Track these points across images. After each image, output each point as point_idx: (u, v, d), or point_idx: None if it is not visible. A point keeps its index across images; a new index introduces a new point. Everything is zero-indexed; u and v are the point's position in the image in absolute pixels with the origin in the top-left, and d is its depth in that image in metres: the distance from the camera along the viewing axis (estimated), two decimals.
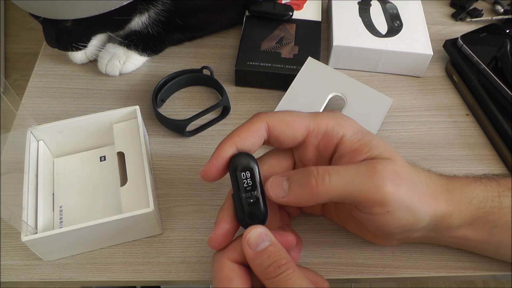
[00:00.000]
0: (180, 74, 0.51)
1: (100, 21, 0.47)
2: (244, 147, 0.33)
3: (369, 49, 0.52)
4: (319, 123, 0.34)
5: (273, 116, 0.33)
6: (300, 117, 0.34)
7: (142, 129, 0.43)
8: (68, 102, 0.51)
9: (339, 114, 0.35)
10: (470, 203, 0.34)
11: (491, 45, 0.52)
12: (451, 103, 0.52)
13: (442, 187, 0.34)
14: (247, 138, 0.33)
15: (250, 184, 0.32)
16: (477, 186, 0.35)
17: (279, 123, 0.33)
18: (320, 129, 0.34)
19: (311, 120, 0.34)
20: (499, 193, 0.35)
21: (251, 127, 0.33)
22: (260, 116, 0.33)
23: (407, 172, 0.33)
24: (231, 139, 0.33)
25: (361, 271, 0.39)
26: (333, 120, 0.34)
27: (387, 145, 0.34)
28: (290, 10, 0.55)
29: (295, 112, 0.34)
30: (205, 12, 0.54)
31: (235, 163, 0.33)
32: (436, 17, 0.61)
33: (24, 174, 0.39)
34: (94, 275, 0.39)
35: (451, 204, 0.34)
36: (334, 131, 0.34)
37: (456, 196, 0.34)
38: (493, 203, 0.34)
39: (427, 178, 0.34)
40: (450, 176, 0.36)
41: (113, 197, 0.42)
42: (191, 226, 0.42)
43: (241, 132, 0.33)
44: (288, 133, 0.33)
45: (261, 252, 0.30)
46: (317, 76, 0.49)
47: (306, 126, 0.33)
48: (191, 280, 0.39)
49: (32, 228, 0.37)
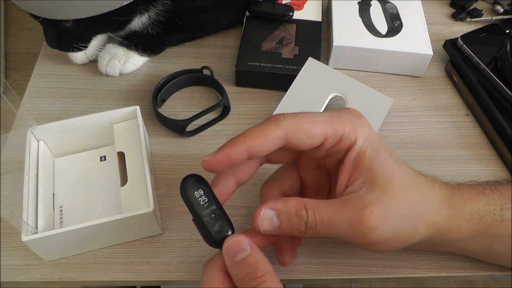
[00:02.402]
0: (180, 74, 0.51)
1: (100, 21, 0.47)
2: (257, 154, 0.32)
3: (369, 49, 0.52)
4: (337, 128, 0.32)
5: (291, 123, 0.32)
6: (318, 122, 0.32)
7: (142, 129, 0.43)
8: (68, 102, 0.51)
9: (357, 116, 0.34)
10: (471, 218, 0.34)
11: (491, 45, 0.52)
12: (451, 103, 0.52)
13: (444, 202, 0.34)
14: (262, 146, 0.32)
15: (206, 201, 0.32)
16: (479, 200, 0.34)
17: (298, 132, 0.32)
18: (336, 135, 0.33)
19: (329, 125, 0.32)
20: (502, 206, 0.34)
21: (268, 134, 0.31)
22: (278, 123, 0.32)
23: (404, 195, 0.32)
24: (244, 143, 0.31)
25: (361, 271, 0.39)
26: (350, 124, 0.33)
27: (388, 164, 0.32)
28: (291, 11, 0.55)
29: (313, 115, 0.33)
30: (205, 13, 0.54)
31: (185, 189, 0.32)
32: (436, 17, 0.61)
33: (24, 174, 0.39)
34: (94, 275, 0.39)
35: (451, 220, 0.34)
36: (349, 137, 0.33)
37: (457, 212, 0.34)
38: (495, 217, 0.34)
39: (429, 194, 0.33)
40: (454, 187, 0.35)
41: (113, 197, 0.42)
42: (191, 226, 0.41)
43: (256, 138, 0.31)
44: (306, 142, 0.32)
45: (239, 262, 0.30)
46: (317, 77, 0.49)
47: (324, 133, 0.32)
48: (191, 280, 0.39)
49: (32, 228, 0.37)
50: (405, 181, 0.32)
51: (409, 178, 0.33)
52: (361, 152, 0.32)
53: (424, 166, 0.46)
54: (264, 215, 0.31)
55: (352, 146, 0.33)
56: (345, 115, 0.34)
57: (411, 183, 0.33)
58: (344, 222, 0.31)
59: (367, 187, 0.32)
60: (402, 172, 0.33)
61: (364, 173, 0.32)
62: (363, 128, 0.33)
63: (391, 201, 0.31)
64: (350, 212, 0.31)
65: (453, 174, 0.46)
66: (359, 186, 0.32)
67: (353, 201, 0.31)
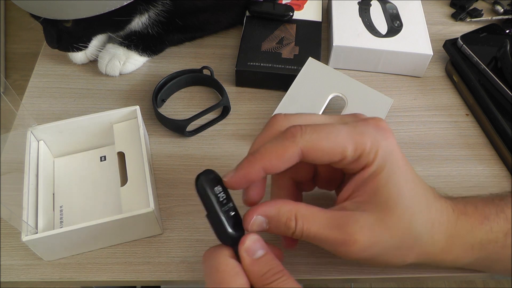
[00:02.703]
0: (180, 74, 0.51)
1: (100, 21, 0.47)
2: (273, 171, 0.31)
3: (369, 49, 0.52)
4: (357, 147, 0.31)
5: (309, 140, 0.31)
6: (338, 140, 0.31)
7: (142, 129, 0.43)
8: (68, 102, 0.51)
9: (381, 130, 0.32)
10: (471, 248, 0.33)
11: (491, 45, 0.52)
12: (451, 103, 0.52)
13: (445, 234, 0.33)
14: (278, 164, 0.31)
15: (224, 197, 0.32)
16: (482, 228, 0.33)
17: (315, 151, 0.31)
18: (356, 154, 0.31)
19: (349, 143, 0.31)
20: (506, 232, 0.33)
21: (284, 153, 0.31)
22: (295, 140, 0.31)
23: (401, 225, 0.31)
24: (261, 162, 0.31)
25: (361, 271, 0.39)
26: (372, 142, 0.31)
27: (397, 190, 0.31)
28: (291, 11, 0.55)
29: (333, 130, 0.31)
30: (205, 13, 0.54)
31: (205, 182, 0.31)
32: (436, 17, 0.61)
33: (24, 174, 0.39)
34: (94, 275, 0.39)
35: (448, 251, 0.33)
36: (367, 157, 0.31)
37: (456, 243, 0.33)
38: (497, 244, 0.33)
39: (433, 225, 0.32)
40: (461, 214, 0.33)
41: (113, 197, 0.42)
42: (191, 226, 0.42)
43: (271, 156, 0.31)
44: (323, 159, 0.31)
45: (259, 259, 0.30)
46: (317, 77, 0.49)
47: (343, 152, 0.31)
48: (191, 280, 0.39)
49: (33, 228, 0.37)
50: (408, 210, 0.31)
51: (416, 206, 0.32)
52: (374, 174, 0.31)
53: (424, 166, 0.46)
54: (255, 222, 0.32)
55: (368, 166, 0.31)
56: (369, 130, 0.32)
57: (415, 212, 0.32)
58: (330, 240, 0.31)
59: (365, 208, 0.31)
60: (410, 200, 0.31)
61: (368, 194, 0.31)
62: (384, 144, 0.32)
63: (384, 230, 0.31)
64: (337, 231, 0.31)
65: (453, 174, 0.46)
66: (357, 205, 0.32)
67: (344, 220, 0.31)
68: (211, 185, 0.31)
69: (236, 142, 0.48)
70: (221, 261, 0.30)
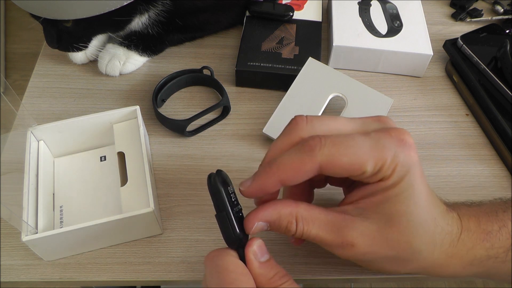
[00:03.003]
0: (180, 74, 0.51)
1: (100, 21, 0.47)
2: (290, 184, 0.31)
3: (369, 49, 0.52)
4: (377, 163, 0.30)
5: (328, 155, 0.30)
6: (358, 155, 0.30)
7: (142, 129, 0.43)
8: (68, 102, 0.51)
9: (401, 141, 0.31)
10: (470, 264, 0.33)
11: (491, 45, 0.52)
12: (451, 103, 0.52)
13: (446, 254, 0.32)
14: (295, 178, 0.30)
15: (235, 199, 0.32)
16: (483, 245, 0.32)
17: (334, 166, 0.30)
18: (375, 169, 0.30)
19: (370, 158, 0.30)
20: (507, 248, 0.32)
21: (302, 167, 0.30)
22: (313, 154, 0.30)
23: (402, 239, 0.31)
24: (278, 174, 0.30)
25: (361, 271, 0.39)
26: (393, 156, 0.30)
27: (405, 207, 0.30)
28: (291, 11, 0.55)
29: (353, 144, 0.30)
30: (205, 13, 0.54)
31: (219, 183, 0.31)
32: (436, 17, 0.61)
33: (24, 174, 0.39)
34: (94, 275, 0.39)
35: (446, 266, 0.33)
36: (386, 172, 0.30)
37: (455, 260, 0.32)
38: (497, 259, 0.32)
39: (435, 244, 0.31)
40: (464, 230, 0.33)
41: (113, 197, 0.42)
42: (191, 226, 0.42)
43: (288, 170, 0.30)
44: (342, 174, 0.30)
45: (265, 262, 0.31)
46: (317, 77, 0.49)
47: (361, 168, 0.30)
48: (191, 280, 0.39)
49: (33, 228, 0.37)
50: (411, 229, 0.31)
51: (420, 227, 0.31)
52: (387, 188, 0.31)
53: (424, 166, 0.46)
54: (256, 228, 0.32)
55: (384, 180, 0.31)
56: (390, 144, 0.30)
57: (418, 233, 0.31)
58: (329, 241, 0.31)
59: (368, 216, 0.31)
60: (416, 220, 0.31)
61: (374, 204, 0.31)
62: (404, 160, 0.30)
63: (383, 241, 0.31)
64: (336, 234, 0.31)
65: (453, 174, 0.46)
66: (359, 211, 0.32)
67: (344, 224, 0.31)
68: (225, 185, 0.31)
69: (236, 142, 0.48)
70: (231, 261, 0.31)
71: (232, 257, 0.31)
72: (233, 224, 0.31)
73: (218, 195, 0.31)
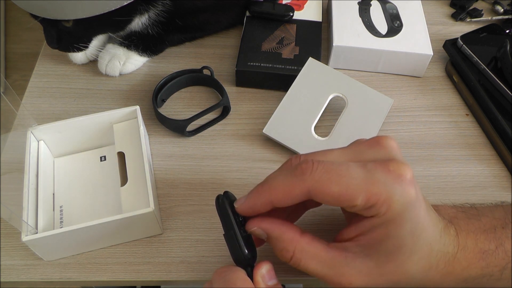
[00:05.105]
0: (180, 74, 0.51)
1: (100, 21, 0.47)
2: (281, 206, 0.31)
3: (369, 49, 0.52)
4: (370, 198, 0.29)
5: (318, 182, 0.29)
6: (350, 185, 0.29)
7: (142, 129, 0.43)
8: (68, 102, 0.51)
9: (401, 179, 0.29)
10: (465, 282, 0.32)
11: (491, 45, 0.52)
12: (451, 103, 0.52)
13: (442, 272, 0.32)
14: (285, 200, 0.31)
15: (242, 218, 0.33)
16: (478, 265, 0.32)
17: (323, 194, 0.29)
18: (367, 205, 0.29)
19: (362, 191, 0.29)
20: (503, 266, 0.32)
21: (292, 191, 0.30)
22: (304, 178, 0.29)
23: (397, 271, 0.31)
24: (269, 196, 0.31)
25: None
26: (387, 192, 0.29)
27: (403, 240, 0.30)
28: (291, 11, 0.55)
29: (346, 173, 0.29)
30: (205, 13, 0.54)
31: (227, 204, 0.32)
32: (436, 17, 0.61)
33: (24, 174, 0.39)
34: (94, 275, 0.39)
35: (441, 285, 0.32)
36: (380, 208, 0.29)
37: (449, 279, 0.32)
38: (492, 277, 0.32)
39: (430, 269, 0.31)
40: (461, 249, 0.32)
41: (113, 197, 0.42)
42: (191, 226, 0.42)
43: (279, 192, 0.31)
44: (331, 203, 0.30)
45: (273, 287, 0.32)
46: (318, 77, 0.49)
47: (352, 200, 0.29)
48: (191, 280, 0.39)
49: (33, 228, 0.37)
50: (408, 259, 0.31)
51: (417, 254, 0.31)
52: (383, 225, 0.30)
53: (424, 166, 0.46)
54: (256, 231, 0.33)
55: (378, 217, 0.30)
56: (386, 179, 0.29)
57: (415, 261, 0.31)
58: (326, 277, 0.32)
59: (368, 253, 0.31)
60: (413, 248, 0.30)
61: (375, 241, 0.31)
62: (400, 197, 0.29)
63: (380, 275, 0.31)
64: (334, 272, 0.31)
65: (453, 174, 0.46)
66: (361, 249, 0.31)
67: (346, 263, 0.31)
68: (232, 206, 0.33)
69: (236, 142, 0.48)
70: (239, 277, 0.31)
71: (241, 274, 0.31)
72: (241, 243, 0.32)
73: (226, 216, 0.32)
